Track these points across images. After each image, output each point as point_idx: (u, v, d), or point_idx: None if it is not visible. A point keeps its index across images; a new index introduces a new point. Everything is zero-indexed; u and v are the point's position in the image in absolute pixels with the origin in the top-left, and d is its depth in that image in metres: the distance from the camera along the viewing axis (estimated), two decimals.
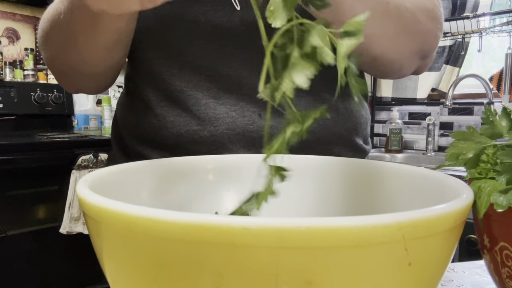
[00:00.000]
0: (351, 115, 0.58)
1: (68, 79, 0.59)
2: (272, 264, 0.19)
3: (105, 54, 0.51)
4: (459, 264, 0.49)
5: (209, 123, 0.53)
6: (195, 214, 0.19)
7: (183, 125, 0.53)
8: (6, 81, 2.04)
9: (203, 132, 0.53)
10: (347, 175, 0.41)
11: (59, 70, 0.57)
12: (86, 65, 0.53)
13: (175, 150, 0.54)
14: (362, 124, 0.61)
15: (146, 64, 0.56)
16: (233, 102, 0.53)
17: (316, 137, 0.55)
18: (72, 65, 0.54)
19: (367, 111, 0.64)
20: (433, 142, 1.96)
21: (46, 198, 1.71)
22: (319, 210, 0.41)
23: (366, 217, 0.19)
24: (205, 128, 0.53)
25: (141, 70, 0.57)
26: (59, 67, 0.57)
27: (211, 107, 0.53)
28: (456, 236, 0.24)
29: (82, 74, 0.56)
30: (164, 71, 0.54)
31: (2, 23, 2.20)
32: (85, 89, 0.62)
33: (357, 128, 0.60)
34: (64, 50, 0.52)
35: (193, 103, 0.53)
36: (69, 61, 0.54)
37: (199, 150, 0.53)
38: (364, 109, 0.62)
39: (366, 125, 0.63)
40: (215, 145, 0.53)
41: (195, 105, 0.53)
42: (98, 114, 2.33)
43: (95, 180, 0.30)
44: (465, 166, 0.30)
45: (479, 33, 1.85)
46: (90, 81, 0.59)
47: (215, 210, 0.41)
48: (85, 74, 0.56)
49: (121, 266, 0.23)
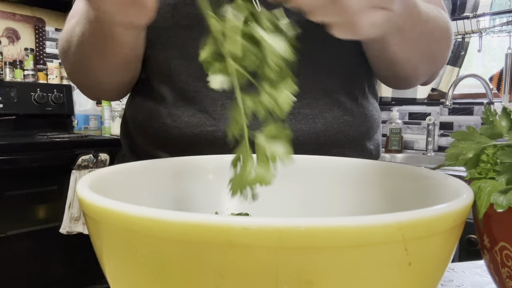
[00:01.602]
0: (365, 119, 0.59)
1: (88, 90, 0.62)
2: (272, 264, 0.19)
3: (117, 74, 0.55)
4: (459, 264, 0.49)
5: (224, 124, 0.53)
6: (195, 214, 0.19)
7: (197, 126, 0.53)
8: (6, 81, 2.04)
9: (217, 133, 0.53)
10: (347, 175, 0.41)
11: (78, 83, 0.61)
12: (101, 83, 0.58)
13: (187, 150, 0.54)
14: (375, 128, 0.61)
15: (162, 64, 0.56)
16: None
17: (331, 140, 0.55)
18: (88, 82, 0.59)
19: (379, 114, 0.64)
20: (433, 142, 1.96)
21: (46, 198, 1.71)
22: (319, 210, 0.41)
23: (366, 217, 0.19)
24: (220, 129, 0.53)
25: (156, 70, 0.57)
26: (77, 81, 0.61)
27: (227, 107, 0.53)
28: (456, 236, 0.24)
29: (98, 88, 0.60)
30: (182, 71, 0.55)
31: (2, 23, 2.20)
32: (105, 98, 0.66)
33: (369, 132, 0.60)
34: (81, 68, 0.56)
35: (210, 103, 0.53)
36: (86, 78, 0.58)
37: (212, 151, 0.53)
38: (377, 112, 0.63)
39: (378, 129, 0.63)
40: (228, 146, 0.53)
41: (211, 105, 0.53)
42: (98, 114, 2.33)
43: (95, 180, 0.30)
44: (465, 166, 0.30)
45: (479, 33, 1.85)
46: (108, 92, 0.62)
47: (215, 210, 0.41)
48: (102, 88, 0.60)
49: (121, 266, 0.23)
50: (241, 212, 0.41)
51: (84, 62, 0.54)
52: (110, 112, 2.21)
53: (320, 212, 0.41)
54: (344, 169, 0.41)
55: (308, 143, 0.54)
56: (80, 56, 0.54)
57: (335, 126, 0.55)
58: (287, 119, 0.53)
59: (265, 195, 0.43)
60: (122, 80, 0.58)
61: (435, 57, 0.56)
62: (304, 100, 0.53)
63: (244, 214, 0.41)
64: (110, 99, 0.67)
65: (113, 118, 2.18)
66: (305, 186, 0.42)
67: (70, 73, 0.60)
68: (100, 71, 0.54)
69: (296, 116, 0.53)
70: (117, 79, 0.57)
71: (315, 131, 0.54)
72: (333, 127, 0.55)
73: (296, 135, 0.53)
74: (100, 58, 0.52)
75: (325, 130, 0.54)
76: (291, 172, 0.43)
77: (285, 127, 0.28)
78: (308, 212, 0.42)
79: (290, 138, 0.29)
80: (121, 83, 0.58)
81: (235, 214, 0.41)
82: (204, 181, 0.42)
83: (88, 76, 0.57)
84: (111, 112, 2.21)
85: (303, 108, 0.54)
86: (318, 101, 0.54)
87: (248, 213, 0.41)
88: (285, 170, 0.44)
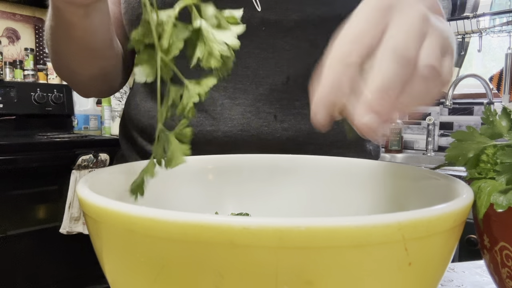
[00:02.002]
0: None
1: (74, 86, 0.62)
2: (272, 264, 0.19)
3: (85, 62, 0.54)
4: (459, 264, 0.49)
5: (223, 124, 0.53)
6: (195, 214, 0.19)
7: (197, 125, 0.53)
8: (6, 81, 2.04)
9: (216, 133, 0.53)
10: (347, 175, 0.41)
11: (64, 78, 0.61)
12: (74, 74, 0.57)
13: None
14: None
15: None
16: (249, 103, 0.53)
17: (330, 140, 0.55)
18: (66, 73, 0.58)
19: None
20: (433, 142, 1.96)
21: (46, 198, 1.71)
22: (319, 210, 0.41)
23: (366, 217, 0.19)
24: (219, 128, 0.52)
25: None
26: (62, 77, 0.60)
27: (227, 107, 0.53)
28: (456, 236, 0.24)
29: (76, 80, 0.59)
30: (180, 70, 0.54)
31: (2, 23, 2.20)
32: (94, 94, 0.65)
33: None
34: (55, 58, 0.56)
35: (210, 103, 0.53)
36: (63, 70, 0.58)
37: (211, 151, 0.53)
38: None
39: None
40: (228, 146, 0.53)
41: (211, 105, 0.53)
42: (98, 114, 2.32)
43: (95, 180, 0.30)
44: (465, 166, 0.30)
45: (479, 33, 1.85)
46: (93, 87, 0.61)
47: (215, 210, 0.41)
48: (79, 80, 0.59)
49: (121, 266, 0.23)
50: (241, 212, 0.41)
51: (55, 51, 0.54)
52: (110, 112, 2.21)
53: (320, 212, 0.41)
54: (344, 169, 0.41)
55: (307, 144, 0.54)
56: (52, 44, 0.54)
57: (334, 126, 0.55)
58: (287, 119, 0.53)
59: (265, 195, 0.43)
60: (93, 71, 0.56)
61: None
62: (304, 100, 0.53)
63: (244, 214, 0.41)
64: (99, 94, 0.66)
65: (113, 118, 2.18)
66: (305, 186, 0.42)
67: (55, 69, 0.59)
68: (68, 59, 0.54)
69: (295, 116, 0.53)
70: (87, 69, 0.55)
71: (314, 131, 0.54)
72: (332, 127, 0.55)
73: (296, 135, 0.53)
74: (64, 44, 0.51)
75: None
76: (291, 172, 0.43)
77: None
78: (308, 212, 0.42)
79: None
80: (93, 74, 0.57)
81: (235, 214, 0.41)
82: (204, 181, 0.42)
83: (63, 67, 0.57)
84: (111, 112, 2.21)
85: (302, 108, 0.53)
86: None
87: (248, 213, 0.41)
88: (285, 170, 0.44)
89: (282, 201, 0.42)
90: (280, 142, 0.53)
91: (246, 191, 0.42)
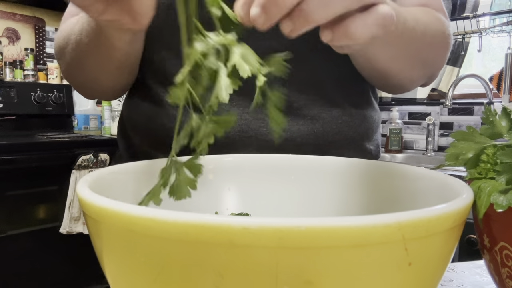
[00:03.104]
0: (364, 120, 0.58)
1: (83, 89, 0.62)
2: (272, 264, 0.19)
3: (111, 77, 0.55)
4: (459, 264, 0.49)
5: None
6: (195, 214, 0.19)
7: None
8: (6, 81, 2.04)
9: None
10: (347, 175, 0.41)
11: (73, 82, 0.61)
12: (96, 84, 0.57)
13: (185, 150, 0.54)
14: (374, 129, 0.61)
15: (159, 65, 0.56)
16: (247, 104, 0.53)
17: (329, 141, 0.55)
18: (84, 81, 0.59)
19: (379, 114, 0.64)
20: (433, 142, 1.96)
21: (46, 198, 1.71)
22: (319, 210, 0.41)
23: (366, 217, 0.19)
24: None
25: (152, 70, 0.57)
26: (73, 81, 0.60)
27: (225, 109, 0.53)
28: (456, 236, 0.24)
29: (94, 88, 0.60)
30: (178, 71, 0.54)
31: (2, 23, 2.20)
32: (100, 97, 0.66)
33: (368, 133, 0.60)
34: (78, 67, 0.56)
35: None
36: (81, 78, 0.58)
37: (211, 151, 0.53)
38: (376, 113, 0.62)
39: (377, 129, 0.63)
40: (226, 148, 0.53)
41: None
42: (98, 114, 2.33)
43: (95, 180, 0.30)
44: (465, 166, 0.30)
45: (479, 33, 1.85)
46: (103, 93, 0.62)
47: (215, 210, 0.41)
48: (97, 89, 0.60)
49: (121, 266, 0.23)
50: (241, 212, 0.41)
51: (81, 62, 0.54)
52: (110, 112, 2.21)
53: (320, 212, 0.41)
54: (344, 169, 0.41)
55: (306, 144, 0.54)
56: (77, 55, 0.54)
57: (333, 127, 0.55)
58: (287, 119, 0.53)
59: (265, 195, 0.43)
60: (117, 84, 0.58)
61: (430, 62, 0.55)
62: (302, 101, 0.53)
63: (244, 214, 0.41)
64: (106, 99, 0.67)
65: (113, 118, 2.18)
66: (305, 186, 0.42)
67: (65, 71, 0.59)
68: (96, 72, 0.54)
69: (294, 118, 0.53)
70: (112, 82, 0.57)
71: (313, 132, 0.54)
72: (331, 128, 0.55)
73: (294, 136, 0.53)
74: (95, 59, 0.52)
75: (324, 131, 0.54)
76: (291, 172, 0.43)
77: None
78: (308, 212, 0.42)
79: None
80: (116, 86, 0.58)
81: (235, 214, 0.41)
82: (204, 181, 0.42)
83: (84, 76, 0.57)
84: (111, 112, 2.21)
85: (301, 109, 0.53)
86: (316, 102, 0.54)
87: (248, 213, 0.41)
88: (285, 170, 0.44)
89: (282, 201, 0.42)
90: (278, 143, 0.53)
91: (246, 191, 0.42)
